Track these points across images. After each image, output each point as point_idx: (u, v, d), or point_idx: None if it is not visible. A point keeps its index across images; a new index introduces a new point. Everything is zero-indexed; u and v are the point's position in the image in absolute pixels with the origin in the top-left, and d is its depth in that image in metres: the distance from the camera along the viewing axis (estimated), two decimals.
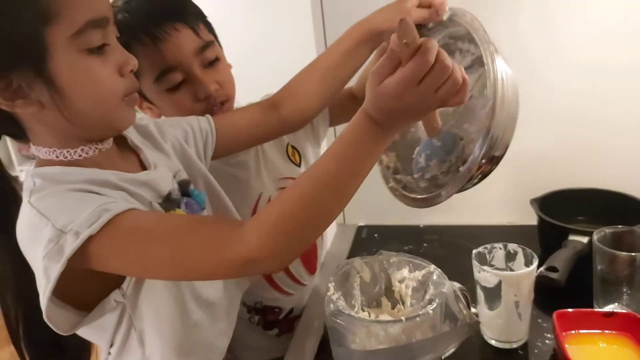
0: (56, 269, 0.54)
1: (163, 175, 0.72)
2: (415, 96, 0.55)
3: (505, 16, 1.12)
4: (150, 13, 0.81)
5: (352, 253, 1.18)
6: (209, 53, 0.84)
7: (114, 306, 0.63)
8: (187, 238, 0.58)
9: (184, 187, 0.75)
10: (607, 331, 0.76)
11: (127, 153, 0.73)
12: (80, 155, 0.63)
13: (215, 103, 0.87)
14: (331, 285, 0.71)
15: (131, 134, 0.74)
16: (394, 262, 0.76)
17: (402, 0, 0.81)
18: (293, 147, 1.02)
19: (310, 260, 1.05)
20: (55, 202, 0.58)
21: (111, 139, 0.68)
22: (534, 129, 1.18)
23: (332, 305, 0.67)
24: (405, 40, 0.53)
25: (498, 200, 1.02)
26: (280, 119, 0.87)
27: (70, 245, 0.54)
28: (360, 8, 1.02)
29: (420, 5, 0.79)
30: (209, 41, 0.85)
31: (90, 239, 0.54)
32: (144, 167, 0.72)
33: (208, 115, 0.84)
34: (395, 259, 0.76)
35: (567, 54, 1.11)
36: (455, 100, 0.57)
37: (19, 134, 0.63)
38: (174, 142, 0.79)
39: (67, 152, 0.62)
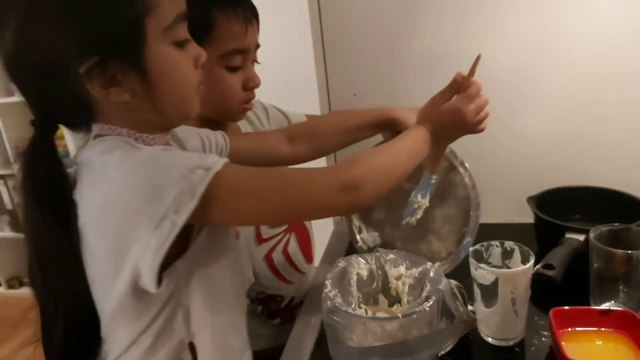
0: (191, 205, 0.55)
1: None
2: (464, 115, 0.78)
3: (500, 11, 1.12)
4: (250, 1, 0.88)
5: (350, 251, 1.18)
6: (256, 54, 0.92)
7: (174, 278, 0.62)
8: (297, 171, 0.66)
9: None
10: (603, 329, 0.76)
11: None
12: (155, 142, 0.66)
13: (252, 97, 0.93)
14: (328, 283, 0.71)
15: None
16: (391, 259, 0.76)
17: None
18: None
19: (308, 250, 1.10)
20: (169, 151, 0.61)
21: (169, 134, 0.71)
22: (531, 128, 1.19)
23: (329, 302, 0.67)
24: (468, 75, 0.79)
25: (495, 198, 1.02)
26: (292, 152, 0.94)
27: (204, 180, 0.56)
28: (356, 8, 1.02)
29: None
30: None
31: (216, 176, 0.57)
32: None
33: (223, 132, 0.87)
34: (392, 256, 0.76)
35: (564, 54, 1.11)
36: (482, 127, 0.82)
37: (82, 121, 0.64)
38: (194, 150, 0.81)
39: (146, 137, 0.65)
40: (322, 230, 1.22)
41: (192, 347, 0.67)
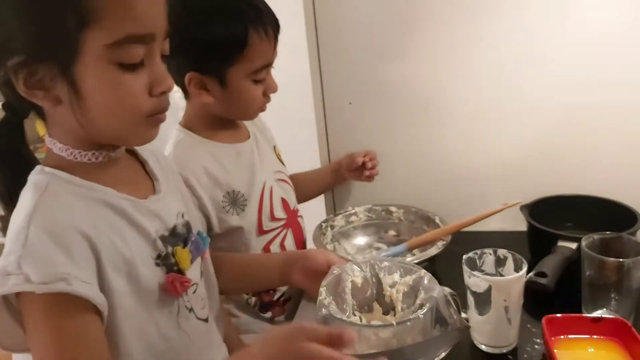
0: None
1: (169, 206, 0.72)
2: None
3: (491, 18, 1.13)
4: (275, 16, 0.92)
5: None
6: None
7: None
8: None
9: (189, 228, 0.74)
10: (595, 336, 0.77)
11: (144, 175, 0.73)
12: (89, 159, 0.62)
13: (269, 101, 0.98)
14: (323, 290, 0.71)
15: (150, 160, 0.74)
16: (385, 266, 0.77)
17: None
18: (277, 151, 1.14)
19: (301, 247, 1.13)
20: (46, 227, 0.55)
21: (123, 148, 0.68)
22: (524, 136, 1.20)
23: (323, 309, 0.67)
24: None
25: (488, 206, 1.03)
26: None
27: (12, 285, 0.53)
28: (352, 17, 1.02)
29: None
30: None
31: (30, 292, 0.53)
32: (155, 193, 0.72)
33: None
34: (387, 263, 0.77)
35: (555, 61, 1.12)
36: None
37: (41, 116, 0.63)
38: (177, 183, 0.80)
39: (79, 153, 0.61)
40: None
41: None
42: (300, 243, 1.12)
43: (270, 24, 0.89)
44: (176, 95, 0.98)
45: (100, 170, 0.63)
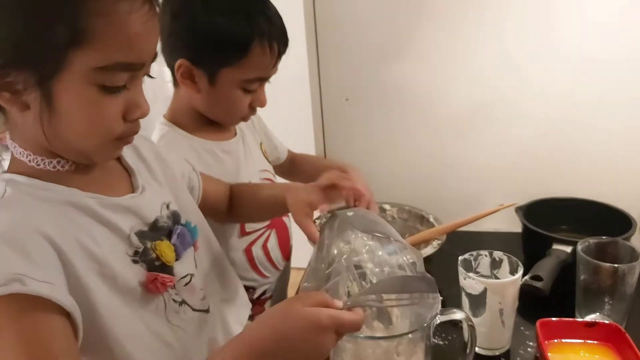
0: None
1: (149, 200, 0.69)
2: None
3: (491, 22, 1.13)
4: (286, 34, 0.90)
5: None
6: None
7: None
8: None
9: (175, 218, 0.72)
10: (589, 341, 0.77)
11: (119, 171, 0.70)
12: (54, 167, 0.59)
13: (254, 114, 0.96)
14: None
15: (126, 154, 0.71)
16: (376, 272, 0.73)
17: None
18: (263, 147, 1.12)
19: (285, 247, 1.10)
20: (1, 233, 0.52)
21: None
22: (520, 138, 1.20)
23: None
24: None
25: (484, 206, 1.03)
26: (228, 210, 0.93)
27: None
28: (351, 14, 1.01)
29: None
30: None
31: None
32: (134, 189, 0.69)
33: (199, 173, 0.86)
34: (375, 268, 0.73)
35: (553, 66, 1.13)
36: None
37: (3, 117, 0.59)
38: (165, 171, 0.76)
39: (42, 160, 0.59)
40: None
41: None
42: (285, 243, 1.10)
43: (277, 40, 0.87)
44: (169, 84, 0.96)
45: (66, 175, 0.60)
